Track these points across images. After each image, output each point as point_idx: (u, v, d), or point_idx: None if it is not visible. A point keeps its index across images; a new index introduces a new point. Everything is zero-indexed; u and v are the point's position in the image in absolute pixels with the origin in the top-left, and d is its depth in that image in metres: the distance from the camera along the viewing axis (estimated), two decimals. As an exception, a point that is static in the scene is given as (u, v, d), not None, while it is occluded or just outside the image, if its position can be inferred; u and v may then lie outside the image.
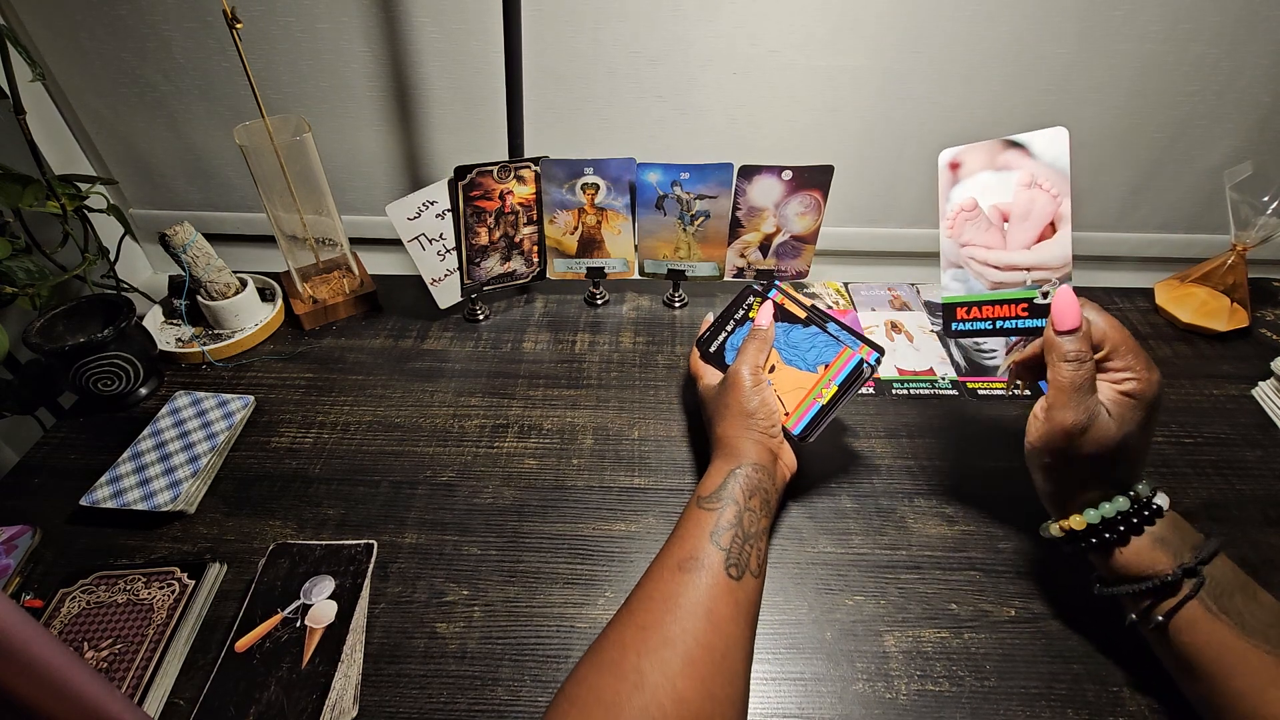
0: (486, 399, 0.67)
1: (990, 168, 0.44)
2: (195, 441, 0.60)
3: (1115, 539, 0.42)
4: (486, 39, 0.72)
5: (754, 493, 0.46)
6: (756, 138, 0.80)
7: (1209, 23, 0.70)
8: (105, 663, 0.45)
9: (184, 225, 0.69)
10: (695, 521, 0.45)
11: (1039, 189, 0.42)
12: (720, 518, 0.44)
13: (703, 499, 0.47)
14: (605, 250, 0.75)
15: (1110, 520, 0.42)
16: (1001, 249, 0.43)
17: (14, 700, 0.27)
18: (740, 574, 0.42)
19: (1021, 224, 0.42)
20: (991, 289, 0.45)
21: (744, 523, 0.44)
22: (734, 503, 0.46)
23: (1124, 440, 0.40)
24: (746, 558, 0.43)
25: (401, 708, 0.44)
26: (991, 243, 0.44)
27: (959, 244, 0.45)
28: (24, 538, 0.53)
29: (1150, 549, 0.41)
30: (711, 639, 0.39)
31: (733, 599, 0.41)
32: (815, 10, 0.70)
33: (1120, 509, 0.42)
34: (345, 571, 0.51)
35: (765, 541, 0.46)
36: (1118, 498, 0.42)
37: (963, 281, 0.46)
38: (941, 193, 0.46)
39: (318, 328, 0.76)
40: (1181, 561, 0.40)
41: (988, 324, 0.46)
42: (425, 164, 0.84)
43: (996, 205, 0.44)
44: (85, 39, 0.75)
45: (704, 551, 0.43)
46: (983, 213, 0.44)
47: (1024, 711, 0.44)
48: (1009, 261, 0.43)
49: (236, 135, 0.64)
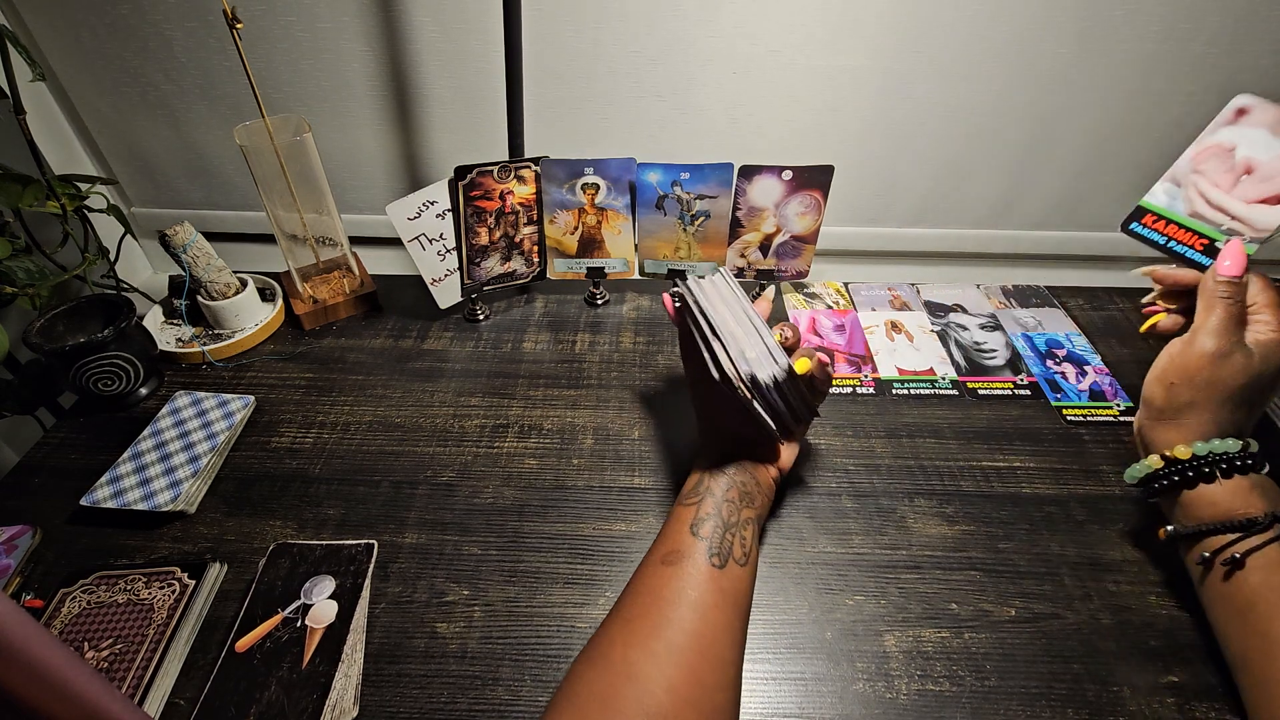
0: (487, 399, 0.67)
1: (1269, 129, 0.48)
2: (195, 441, 0.60)
3: (1222, 473, 0.44)
4: (487, 38, 0.72)
5: (730, 485, 0.47)
6: (756, 137, 0.80)
7: (1209, 23, 0.70)
8: (105, 663, 0.45)
9: (184, 225, 0.69)
10: (676, 518, 0.46)
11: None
12: (699, 510, 0.46)
13: (682, 496, 0.48)
14: (605, 250, 0.75)
15: (1220, 455, 0.44)
16: (1225, 192, 0.48)
17: (14, 700, 0.27)
18: (723, 562, 0.43)
19: (1258, 183, 0.47)
20: (1190, 217, 0.49)
21: (723, 513, 0.45)
22: (710, 495, 0.47)
23: (1257, 376, 0.44)
24: (729, 546, 0.44)
25: (402, 708, 0.44)
26: (1222, 183, 0.48)
27: (1194, 168, 0.49)
28: (24, 538, 0.53)
29: (1248, 491, 0.43)
30: (698, 627, 0.39)
31: (717, 587, 0.42)
32: (815, 10, 0.70)
33: (1228, 448, 0.44)
34: (346, 571, 0.51)
35: (750, 530, 0.46)
36: (1229, 439, 0.44)
37: (1170, 196, 0.50)
38: (1213, 125, 0.49)
39: (318, 328, 0.76)
40: (1274, 509, 0.42)
41: (1163, 239, 0.50)
42: (425, 163, 0.84)
43: (1250, 157, 0.48)
44: (87, 38, 0.75)
45: (685, 544, 0.44)
46: (1235, 158, 0.47)
47: (1024, 711, 0.44)
48: (1223, 204, 0.47)
49: (237, 135, 0.64)
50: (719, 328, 0.47)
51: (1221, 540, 0.43)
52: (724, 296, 0.50)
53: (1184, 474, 0.45)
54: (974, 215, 0.86)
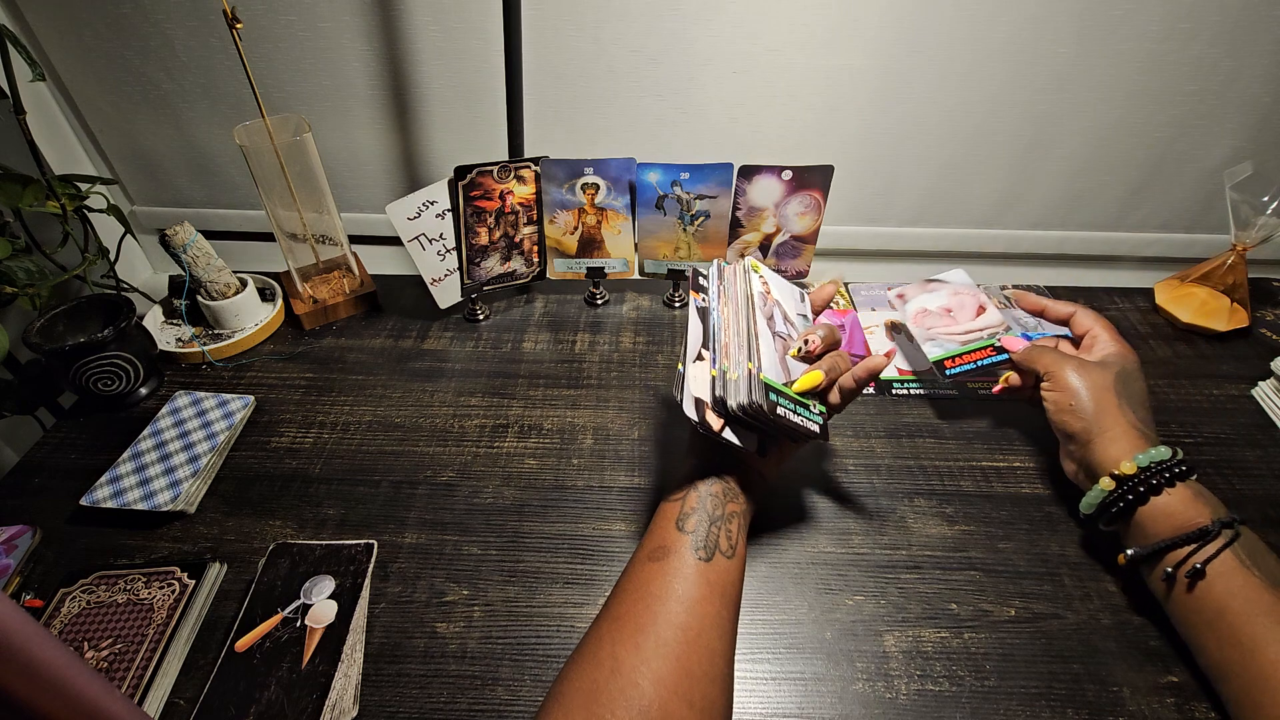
0: (487, 399, 0.67)
1: (925, 292, 0.69)
2: (195, 441, 0.60)
3: (1165, 482, 0.46)
4: (487, 38, 0.72)
5: (716, 480, 0.47)
6: (756, 137, 0.80)
7: (1209, 22, 0.70)
8: (105, 663, 0.45)
9: (184, 225, 0.69)
10: (662, 514, 0.46)
11: (961, 294, 0.67)
12: (684, 505, 0.45)
13: (668, 493, 0.48)
14: (605, 250, 0.75)
15: (1159, 464, 0.46)
16: (955, 325, 0.65)
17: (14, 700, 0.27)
18: (710, 555, 0.43)
19: (960, 311, 0.66)
20: (966, 345, 0.63)
21: (708, 507, 0.45)
22: (695, 490, 0.46)
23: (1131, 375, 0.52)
24: (714, 539, 0.43)
25: (402, 708, 0.44)
26: (946, 324, 0.66)
27: (925, 330, 0.66)
28: (24, 538, 0.53)
29: (1193, 499, 0.45)
30: (685, 620, 0.39)
31: (704, 580, 0.42)
32: (815, 9, 0.70)
33: (1163, 456, 0.46)
34: (345, 571, 0.51)
35: (736, 524, 0.45)
36: (1160, 446, 0.47)
37: (939, 346, 0.64)
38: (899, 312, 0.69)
39: (318, 328, 0.76)
40: (1218, 515, 0.44)
41: (971, 365, 0.62)
42: (425, 163, 0.84)
43: (941, 306, 0.67)
44: (89, 37, 0.75)
45: (670, 538, 0.44)
46: (932, 311, 0.67)
47: (1024, 711, 0.44)
48: (966, 329, 0.65)
49: (236, 135, 0.64)
50: (712, 334, 0.47)
51: (1181, 554, 0.44)
52: (739, 296, 0.49)
53: (1136, 490, 0.47)
54: (974, 215, 0.86)
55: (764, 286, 0.52)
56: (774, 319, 0.50)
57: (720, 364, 0.46)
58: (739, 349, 0.46)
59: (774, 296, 0.52)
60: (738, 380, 0.44)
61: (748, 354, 0.45)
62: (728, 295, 0.50)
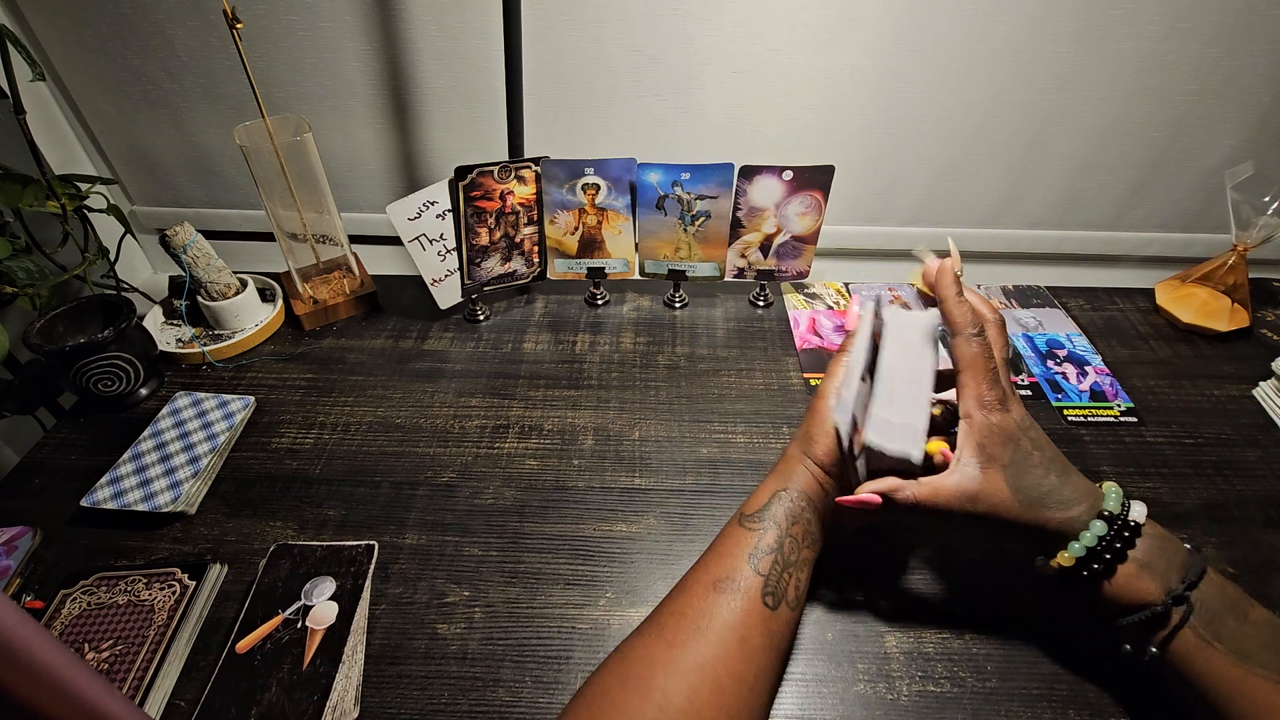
0: (487, 399, 0.67)
1: None
2: (196, 442, 0.60)
3: (1102, 570, 0.39)
4: (487, 37, 0.72)
5: (796, 519, 0.43)
6: (757, 137, 0.80)
7: (1208, 22, 0.70)
8: (106, 664, 0.45)
9: (184, 225, 0.69)
10: (735, 540, 0.43)
11: None
12: (761, 540, 0.42)
13: (745, 516, 0.44)
14: (606, 250, 0.75)
15: (1094, 550, 0.39)
16: None
17: (14, 701, 0.27)
18: (776, 604, 0.40)
19: None
20: None
21: (784, 549, 0.42)
22: (776, 526, 0.43)
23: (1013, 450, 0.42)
24: (784, 587, 0.41)
25: (403, 709, 0.44)
26: None
27: None
28: (24, 539, 0.53)
29: (1137, 577, 0.39)
30: (742, 668, 0.38)
31: (766, 629, 0.39)
32: (815, 9, 0.70)
33: (1099, 533, 0.39)
34: (346, 572, 0.51)
35: (806, 573, 0.43)
36: (1094, 521, 0.40)
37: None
38: None
39: (318, 328, 0.76)
40: (1169, 588, 0.39)
41: None
42: (425, 163, 0.84)
43: None
44: (89, 37, 0.75)
45: (741, 573, 0.41)
46: None
47: (1025, 712, 0.44)
48: None
49: (236, 135, 0.64)
50: (882, 374, 0.43)
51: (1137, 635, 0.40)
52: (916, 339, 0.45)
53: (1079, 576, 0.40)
54: (974, 215, 0.86)
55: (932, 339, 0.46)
56: None
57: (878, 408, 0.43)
58: (907, 397, 0.43)
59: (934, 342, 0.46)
60: (900, 427, 0.42)
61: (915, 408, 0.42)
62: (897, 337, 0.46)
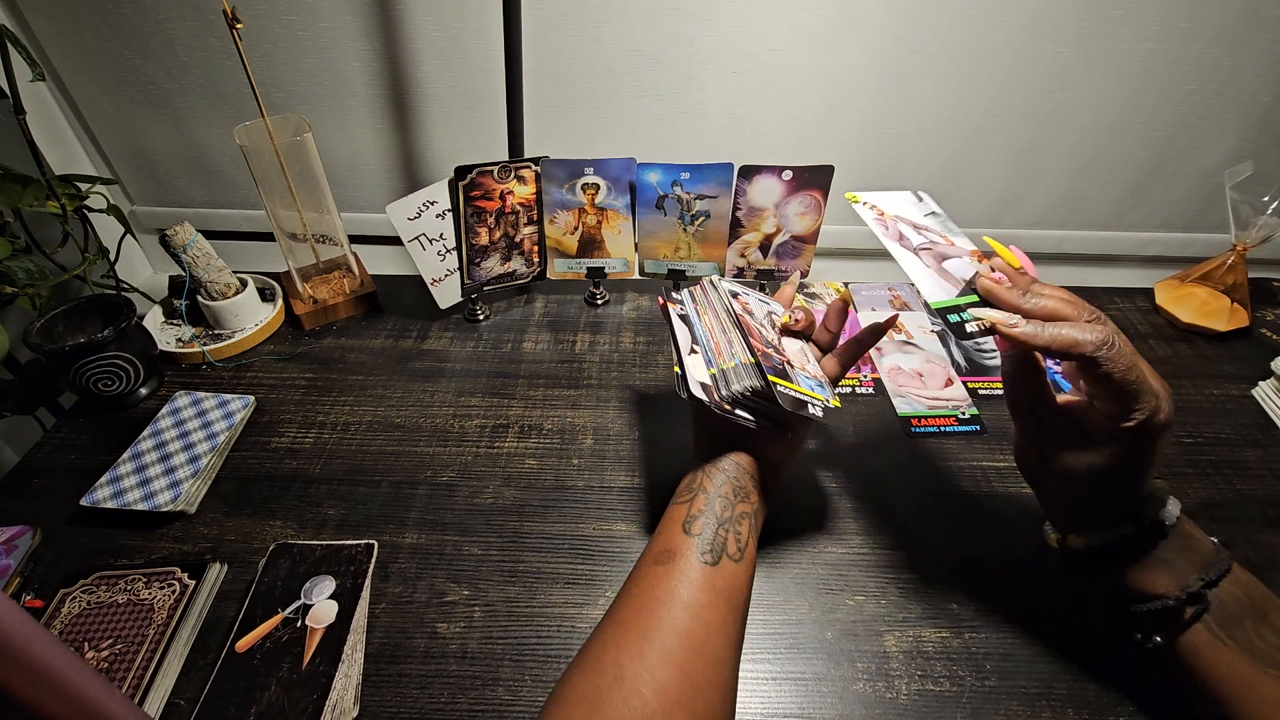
0: (487, 399, 0.67)
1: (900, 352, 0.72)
2: (195, 442, 0.60)
3: (1112, 565, 0.41)
4: (487, 38, 0.72)
5: (725, 481, 0.46)
6: (757, 137, 0.80)
7: (1208, 22, 0.70)
8: (106, 663, 0.45)
9: (184, 225, 0.69)
10: (669, 517, 0.45)
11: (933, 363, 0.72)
12: (691, 508, 0.44)
13: (676, 495, 0.47)
14: (605, 250, 0.75)
15: (1109, 545, 0.40)
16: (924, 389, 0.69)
17: (14, 700, 0.27)
18: (716, 559, 0.42)
19: (930, 378, 0.70)
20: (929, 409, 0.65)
21: (716, 508, 0.44)
22: (703, 491, 0.45)
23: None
24: (722, 541, 0.43)
25: (402, 708, 0.44)
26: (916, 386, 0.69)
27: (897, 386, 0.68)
28: (24, 538, 0.53)
29: (1151, 572, 0.40)
30: (689, 626, 0.39)
31: (710, 585, 0.41)
32: (815, 9, 0.70)
33: (1124, 532, 0.40)
34: (346, 572, 0.51)
35: (746, 525, 0.44)
36: (1123, 524, 0.40)
37: (910, 405, 0.66)
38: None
39: (318, 328, 0.76)
40: (1185, 585, 0.39)
41: (935, 429, 0.64)
42: (425, 163, 0.84)
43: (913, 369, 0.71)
44: (90, 37, 0.75)
45: (677, 542, 0.43)
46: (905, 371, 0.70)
47: (1025, 711, 0.44)
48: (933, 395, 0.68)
49: (236, 135, 0.64)
50: (700, 339, 0.48)
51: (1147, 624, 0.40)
52: (716, 302, 0.50)
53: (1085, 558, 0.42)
54: (974, 215, 0.86)
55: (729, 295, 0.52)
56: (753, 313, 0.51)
57: (716, 364, 0.46)
58: (729, 345, 0.47)
59: (742, 299, 0.53)
60: (735, 368, 0.45)
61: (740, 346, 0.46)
62: (704, 307, 0.51)
